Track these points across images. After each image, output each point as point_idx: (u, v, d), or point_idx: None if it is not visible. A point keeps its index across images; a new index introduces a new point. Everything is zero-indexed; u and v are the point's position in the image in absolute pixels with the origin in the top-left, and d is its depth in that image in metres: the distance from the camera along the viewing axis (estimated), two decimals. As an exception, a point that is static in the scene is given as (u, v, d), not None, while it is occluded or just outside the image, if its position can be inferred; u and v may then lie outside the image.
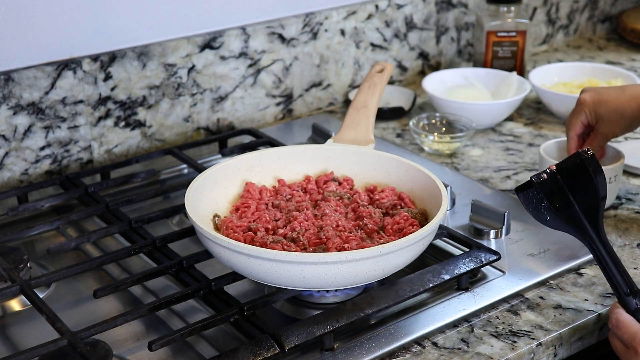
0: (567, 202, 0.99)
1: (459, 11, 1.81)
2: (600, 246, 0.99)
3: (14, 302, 1.10)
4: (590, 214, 0.99)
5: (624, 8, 2.11)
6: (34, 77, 1.34)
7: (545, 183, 0.99)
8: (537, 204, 1.00)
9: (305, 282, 0.97)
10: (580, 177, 0.99)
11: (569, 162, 1.01)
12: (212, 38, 1.49)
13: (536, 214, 1.01)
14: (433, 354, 0.99)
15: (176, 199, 1.32)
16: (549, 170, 1.00)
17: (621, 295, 0.97)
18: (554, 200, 0.99)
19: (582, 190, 0.99)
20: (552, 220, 1.00)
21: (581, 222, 0.99)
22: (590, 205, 0.99)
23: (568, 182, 0.99)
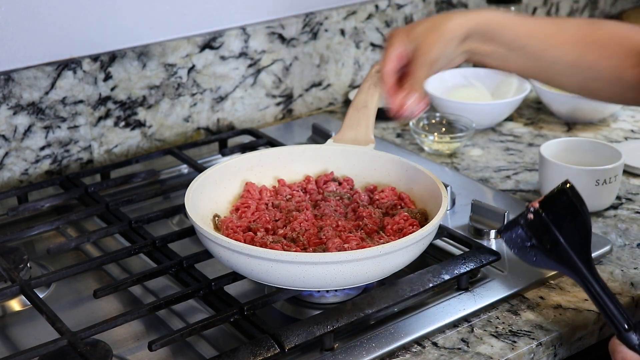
0: (555, 239, 0.94)
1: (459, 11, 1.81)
2: (594, 283, 0.94)
3: (14, 302, 1.10)
4: (580, 249, 0.94)
5: (624, 8, 2.11)
6: (34, 77, 1.34)
7: (530, 222, 0.94)
8: (522, 244, 0.95)
9: (305, 282, 0.97)
10: (566, 213, 0.95)
11: (552, 198, 0.95)
12: (212, 38, 1.49)
13: (522, 255, 0.96)
14: (433, 354, 0.99)
15: (176, 199, 1.32)
16: (532, 208, 0.95)
17: (621, 331, 0.91)
18: (542, 239, 0.94)
19: (569, 226, 0.94)
20: (540, 260, 0.95)
21: (572, 260, 0.94)
22: (579, 240, 0.94)
23: (554, 219, 0.94)
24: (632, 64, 1.02)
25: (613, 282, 1.12)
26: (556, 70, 1.05)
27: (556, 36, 1.04)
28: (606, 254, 1.17)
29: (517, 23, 1.04)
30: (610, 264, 1.15)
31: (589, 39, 1.03)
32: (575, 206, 0.95)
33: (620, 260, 1.16)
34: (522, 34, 1.03)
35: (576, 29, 1.04)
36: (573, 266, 0.94)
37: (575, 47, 1.03)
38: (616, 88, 1.05)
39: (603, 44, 1.03)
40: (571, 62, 1.04)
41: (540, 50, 1.04)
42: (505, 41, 1.04)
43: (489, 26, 1.03)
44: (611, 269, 1.15)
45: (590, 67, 1.03)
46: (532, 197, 1.33)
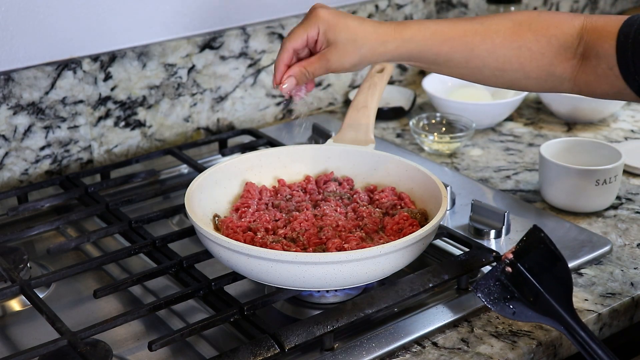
0: (535, 291, 0.92)
1: (459, 11, 1.80)
2: (580, 331, 0.92)
3: (14, 302, 1.10)
4: (562, 297, 0.93)
5: (624, 8, 2.11)
6: (34, 77, 1.34)
7: (508, 275, 0.93)
8: (499, 297, 0.94)
9: (305, 282, 0.97)
10: (544, 261, 0.93)
11: (527, 247, 0.94)
12: (212, 38, 1.49)
13: (500, 309, 0.94)
14: (433, 354, 0.99)
15: (176, 199, 1.32)
16: (507, 259, 0.93)
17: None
18: (521, 290, 0.92)
19: (548, 274, 0.93)
20: (521, 313, 0.93)
21: (555, 310, 0.92)
22: (560, 288, 0.93)
23: (530, 268, 0.92)
24: (561, 60, 1.01)
25: (613, 282, 1.12)
26: (483, 74, 1.05)
27: (480, 47, 1.02)
28: (606, 254, 1.17)
29: (439, 41, 1.02)
30: (610, 264, 1.15)
31: (514, 43, 1.02)
32: (553, 253, 0.94)
33: (620, 260, 1.16)
34: (444, 51, 1.02)
35: (501, 35, 1.02)
36: (557, 316, 0.93)
37: (501, 53, 1.02)
38: (549, 83, 1.04)
39: (530, 46, 1.01)
40: (497, 67, 1.03)
41: (464, 61, 1.03)
42: (427, 60, 1.04)
43: (410, 52, 1.02)
44: (611, 269, 1.15)
45: (518, 69, 1.02)
46: (533, 197, 1.33)
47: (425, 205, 1.11)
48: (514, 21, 1.03)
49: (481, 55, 1.02)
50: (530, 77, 1.03)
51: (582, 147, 1.32)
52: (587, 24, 1.00)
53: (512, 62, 1.02)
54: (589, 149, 1.32)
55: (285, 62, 1.03)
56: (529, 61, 1.01)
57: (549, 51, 1.01)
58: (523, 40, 1.01)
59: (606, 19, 1.00)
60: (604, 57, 0.98)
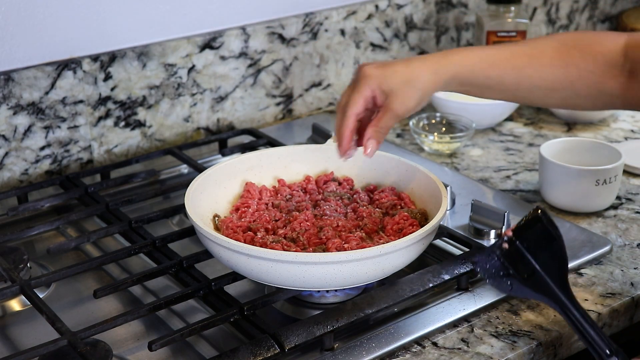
0: (531, 268, 0.94)
1: (459, 11, 1.81)
2: (573, 310, 0.93)
3: (14, 302, 1.10)
4: (557, 276, 0.94)
5: (624, 8, 2.11)
6: (34, 77, 1.34)
7: (505, 251, 0.95)
8: (497, 273, 0.96)
9: (305, 282, 0.97)
10: (541, 240, 0.95)
11: (526, 226, 0.95)
12: (212, 38, 1.49)
13: (498, 284, 0.96)
14: (433, 354, 0.99)
15: (176, 199, 1.32)
16: (506, 237, 0.95)
17: (603, 357, 0.91)
18: (518, 267, 0.94)
19: (545, 253, 0.94)
20: (517, 289, 0.95)
21: (549, 288, 0.94)
22: (556, 267, 0.94)
23: (529, 246, 0.94)
24: (611, 76, 1.03)
25: (613, 282, 1.12)
26: (535, 95, 1.07)
27: (528, 68, 1.05)
28: (606, 254, 1.17)
29: (487, 65, 1.04)
30: (610, 264, 1.15)
31: (562, 62, 1.04)
32: (549, 232, 0.95)
33: (620, 260, 1.16)
34: (494, 74, 1.04)
35: (547, 55, 1.04)
36: (551, 294, 0.94)
37: (549, 73, 1.04)
38: (600, 100, 1.06)
39: (577, 64, 1.03)
40: (548, 87, 1.05)
41: (515, 83, 1.05)
42: (479, 84, 1.06)
43: (461, 76, 1.04)
44: (611, 269, 1.15)
45: (568, 87, 1.05)
46: (533, 197, 1.33)
47: (425, 205, 1.11)
48: (559, 41, 1.06)
49: (531, 76, 1.05)
50: (581, 95, 1.05)
51: (582, 147, 1.32)
52: (630, 42, 1.03)
53: (561, 81, 1.04)
54: (589, 149, 1.32)
55: (350, 129, 1.04)
56: (578, 79, 1.03)
57: (596, 69, 1.03)
58: (570, 58, 1.04)
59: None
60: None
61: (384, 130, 1.03)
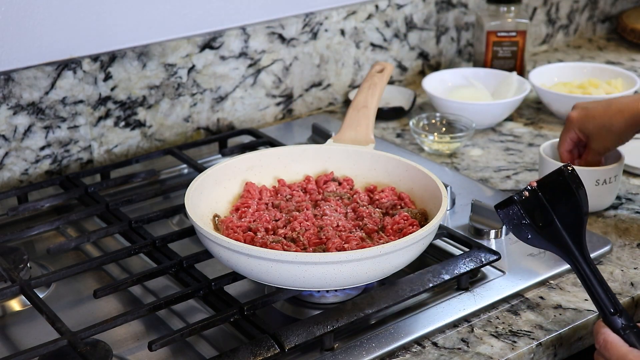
0: (549, 219, 0.97)
1: (459, 11, 1.81)
2: (584, 265, 0.96)
3: (14, 302, 1.10)
4: (573, 231, 0.97)
5: (624, 8, 2.11)
6: (34, 77, 1.34)
7: (526, 200, 0.97)
8: (518, 221, 0.98)
9: (305, 282, 0.97)
10: (562, 194, 0.97)
11: (550, 179, 0.98)
12: (212, 38, 1.49)
13: (517, 232, 0.99)
14: (433, 354, 0.99)
15: (176, 199, 1.32)
16: (529, 187, 0.98)
17: (607, 314, 0.94)
18: (536, 217, 0.97)
19: (564, 206, 0.97)
20: (534, 238, 0.98)
21: (564, 240, 0.97)
22: (573, 222, 0.97)
23: (550, 198, 0.97)
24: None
25: (613, 282, 1.11)
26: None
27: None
28: (606, 254, 1.17)
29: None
30: (610, 264, 1.15)
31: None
32: (570, 187, 0.97)
33: (620, 260, 1.16)
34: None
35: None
36: (564, 246, 0.97)
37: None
38: None
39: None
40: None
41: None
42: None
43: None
44: (611, 269, 1.15)
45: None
46: (532, 197, 1.33)
47: (425, 205, 1.11)
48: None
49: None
50: None
51: (582, 147, 1.32)
52: None
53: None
54: (589, 149, 1.32)
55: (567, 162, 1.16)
56: None
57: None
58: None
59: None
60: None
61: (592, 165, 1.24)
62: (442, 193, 1.07)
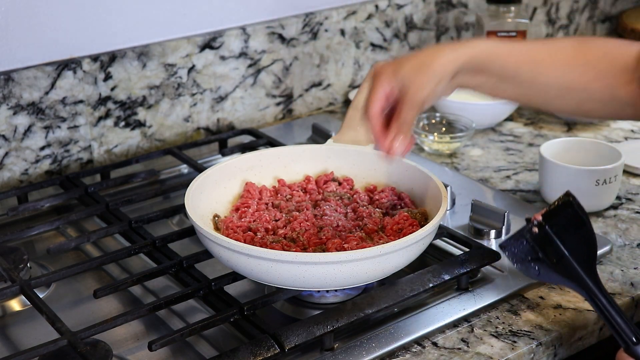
0: (560, 253, 0.93)
1: (459, 11, 1.81)
2: (601, 297, 0.93)
3: (14, 302, 1.10)
4: (587, 263, 0.94)
5: (624, 8, 2.11)
6: (34, 77, 1.34)
7: (535, 235, 0.94)
8: (525, 257, 0.95)
9: (305, 282, 0.97)
10: (571, 226, 0.94)
11: (556, 211, 0.95)
12: (212, 38, 1.49)
13: (525, 269, 0.96)
14: (433, 354, 0.99)
15: (176, 199, 1.32)
16: (536, 221, 0.94)
17: (629, 344, 0.91)
18: (548, 252, 0.94)
19: (575, 239, 0.94)
20: (545, 274, 0.95)
21: (577, 274, 0.93)
22: (585, 253, 0.94)
23: (558, 231, 0.93)
24: (624, 82, 1.01)
25: (613, 282, 1.12)
26: (549, 95, 1.05)
27: (546, 62, 1.03)
28: (606, 254, 1.17)
29: (506, 53, 1.02)
30: (610, 264, 1.15)
31: (579, 61, 1.02)
32: (580, 218, 0.95)
33: (620, 260, 1.16)
34: (512, 63, 1.02)
35: (566, 53, 1.03)
36: (579, 280, 0.94)
37: (566, 70, 1.03)
38: (611, 107, 1.04)
39: (594, 64, 1.02)
40: (563, 86, 1.03)
41: (530, 77, 1.03)
42: (495, 72, 1.02)
43: (478, 59, 1.01)
44: (611, 269, 1.15)
45: (584, 88, 1.03)
46: (533, 197, 1.33)
47: (425, 205, 1.11)
48: (576, 40, 1.05)
49: (547, 72, 1.03)
50: (594, 98, 1.03)
51: (582, 147, 1.32)
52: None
53: (577, 81, 1.03)
54: (589, 149, 1.32)
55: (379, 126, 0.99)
56: (594, 80, 1.02)
57: (612, 71, 1.02)
58: (587, 58, 1.02)
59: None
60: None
61: (406, 123, 0.98)
62: (442, 193, 1.06)
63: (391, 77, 0.98)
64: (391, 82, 0.98)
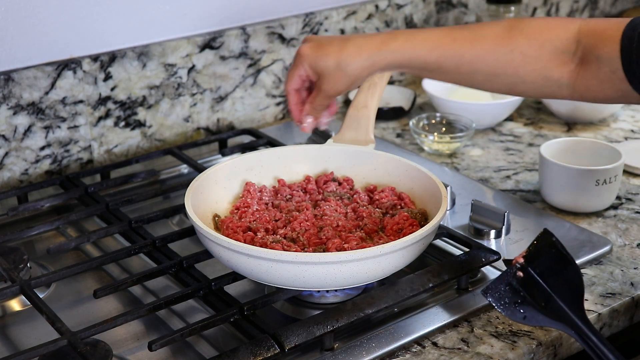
0: (547, 295, 0.92)
1: (459, 11, 1.80)
2: (591, 335, 0.91)
3: (14, 302, 1.10)
4: (573, 302, 0.92)
5: (624, 8, 2.11)
6: (34, 77, 1.34)
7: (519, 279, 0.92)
8: (510, 302, 0.93)
9: (305, 282, 0.97)
10: (556, 265, 0.93)
11: (538, 251, 0.93)
12: (212, 38, 1.49)
13: (511, 314, 0.93)
14: (433, 354, 0.99)
15: (176, 199, 1.32)
16: (518, 264, 0.93)
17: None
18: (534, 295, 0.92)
19: (560, 278, 0.93)
20: (531, 317, 0.93)
21: (566, 314, 0.91)
22: (572, 292, 0.92)
23: (541, 272, 0.92)
24: (557, 64, 1.00)
25: (613, 282, 1.12)
26: (477, 80, 1.05)
27: (470, 52, 1.02)
28: (606, 254, 1.17)
29: (427, 49, 1.02)
30: (610, 264, 1.15)
31: (506, 48, 1.01)
32: (564, 256, 0.93)
33: (620, 260, 1.16)
34: (433, 60, 1.02)
35: (491, 40, 1.02)
36: (567, 320, 0.92)
37: (491, 58, 1.02)
38: (546, 87, 1.03)
39: (522, 49, 1.01)
40: (490, 72, 1.02)
41: (455, 67, 1.03)
42: (417, 68, 1.04)
43: (398, 62, 1.03)
44: (611, 269, 1.15)
45: (512, 73, 1.02)
46: (533, 197, 1.33)
47: (425, 205, 1.11)
48: (504, 27, 1.03)
49: (471, 61, 1.02)
50: (526, 81, 1.02)
51: (582, 147, 1.32)
52: (584, 28, 0.99)
53: (505, 67, 1.02)
54: (589, 149, 1.32)
55: (294, 102, 1.11)
56: (523, 65, 1.01)
57: (543, 55, 1.00)
58: (514, 44, 1.01)
59: (606, 22, 0.99)
60: (606, 61, 0.97)
61: (318, 108, 1.09)
62: (442, 193, 1.07)
63: (308, 66, 1.06)
64: (307, 70, 1.07)
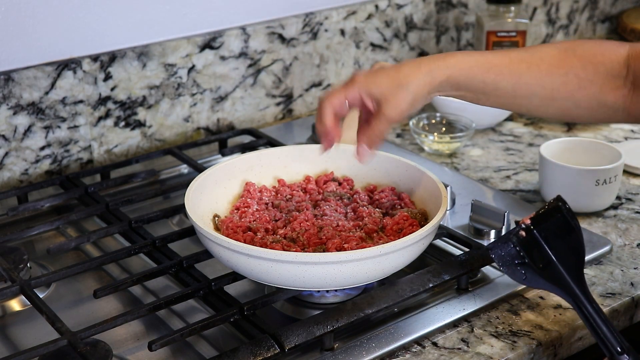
0: (547, 258, 0.92)
1: (459, 11, 1.81)
2: (587, 304, 0.92)
3: (14, 302, 1.10)
4: (574, 270, 0.93)
5: (624, 8, 2.11)
6: (34, 77, 1.34)
7: (522, 239, 0.93)
8: (512, 261, 0.94)
9: (305, 282, 0.97)
10: (560, 231, 0.93)
11: (545, 215, 0.93)
12: (212, 38, 1.49)
13: (512, 273, 0.94)
14: (433, 354, 0.99)
15: (176, 199, 1.32)
16: (524, 225, 0.93)
17: (613, 354, 0.90)
18: (534, 257, 0.92)
19: (563, 245, 0.93)
20: (531, 279, 0.93)
21: (564, 280, 0.92)
22: (572, 259, 0.93)
23: (546, 236, 0.92)
24: (612, 88, 1.00)
25: (613, 282, 1.12)
26: (532, 104, 1.03)
27: (527, 74, 1.01)
28: (606, 254, 1.17)
29: (484, 69, 1.01)
30: (610, 264, 1.16)
31: (561, 70, 1.01)
32: (569, 224, 0.94)
33: (620, 260, 1.16)
34: (490, 78, 1.01)
35: (547, 62, 1.01)
36: (565, 286, 0.93)
37: (547, 81, 1.01)
38: (601, 112, 1.03)
39: (577, 73, 1.00)
40: (546, 96, 1.02)
41: (511, 90, 1.01)
42: (474, 88, 1.02)
43: (456, 79, 1.01)
44: (611, 269, 1.15)
45: (568, 97, 1.01)
46: (533, 197, 1.33)
47: (425, 205, 1.11)
48: (559, 49, 1.02)
49: (528, 83, 1.01)
50: (581, 106, 1.02)
51: (582, 147, 1.32)
52: (632, 52, 1.00)
53: (560, 90, 1.01)
54: (589, 149, 1.32)
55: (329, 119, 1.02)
56: (578, 89, 1.00)
57: (597, 79, 1.00)
58: (570, 67, 1.00)
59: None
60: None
61: (377, 136, 1.01)
62: (442, 193, 1.07)
63: (364, 90, 1.00)
64: (363, 95, 1.00)
